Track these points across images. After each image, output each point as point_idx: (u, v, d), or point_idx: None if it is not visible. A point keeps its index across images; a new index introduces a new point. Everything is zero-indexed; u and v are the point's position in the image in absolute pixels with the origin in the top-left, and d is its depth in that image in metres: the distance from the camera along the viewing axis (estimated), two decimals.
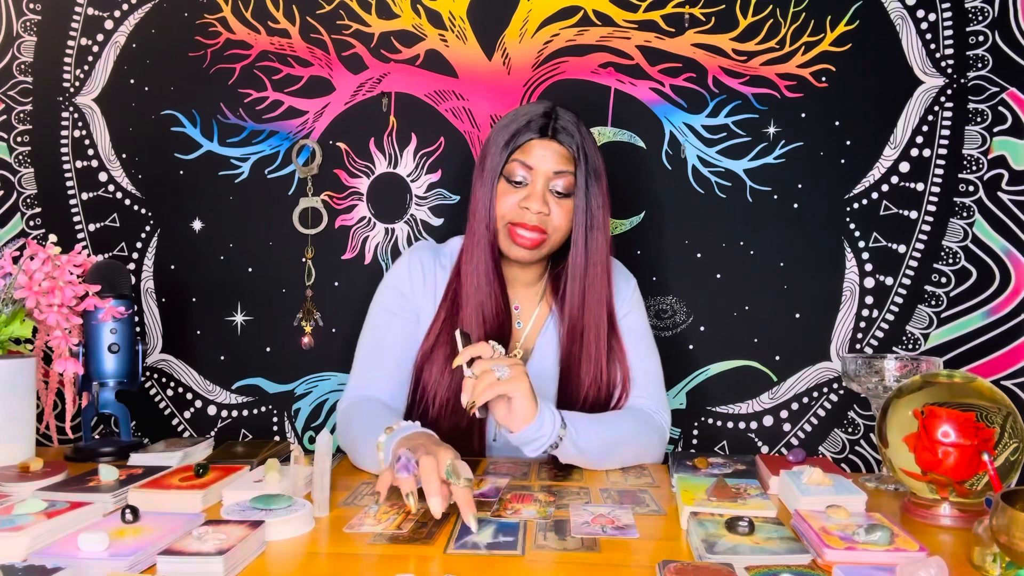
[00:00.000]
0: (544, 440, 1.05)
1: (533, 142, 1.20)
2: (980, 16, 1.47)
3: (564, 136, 1.19)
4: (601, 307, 1.24)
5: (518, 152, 1.20)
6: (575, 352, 1.24)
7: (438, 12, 1.57)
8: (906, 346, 1.51)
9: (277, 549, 0.81)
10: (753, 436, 1.54)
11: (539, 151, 1.19)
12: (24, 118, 1.64)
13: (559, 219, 1.21)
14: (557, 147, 1.20)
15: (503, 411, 1.03)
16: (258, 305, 1.61)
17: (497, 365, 1.00)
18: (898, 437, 0.93)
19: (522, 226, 1.20)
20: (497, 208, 1.21)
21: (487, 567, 0.76)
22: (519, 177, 1.20)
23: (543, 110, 1.21)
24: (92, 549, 0.74)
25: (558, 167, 1.19)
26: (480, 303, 1.22)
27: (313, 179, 1.59)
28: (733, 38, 1.52)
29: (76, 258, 1.24)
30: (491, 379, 0.99)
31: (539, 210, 1.18)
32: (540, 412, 1.03)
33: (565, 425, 1.07)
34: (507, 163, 1.20)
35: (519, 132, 1.20)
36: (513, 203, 1.20)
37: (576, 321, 1.24)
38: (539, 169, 1.19)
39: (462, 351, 1.03)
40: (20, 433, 1.18)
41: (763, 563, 0.74)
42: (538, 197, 1.19)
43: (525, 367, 1.04)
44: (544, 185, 1.20)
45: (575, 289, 1.24)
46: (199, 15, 1.61)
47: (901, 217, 1.50)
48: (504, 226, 1.21)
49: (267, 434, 1.60)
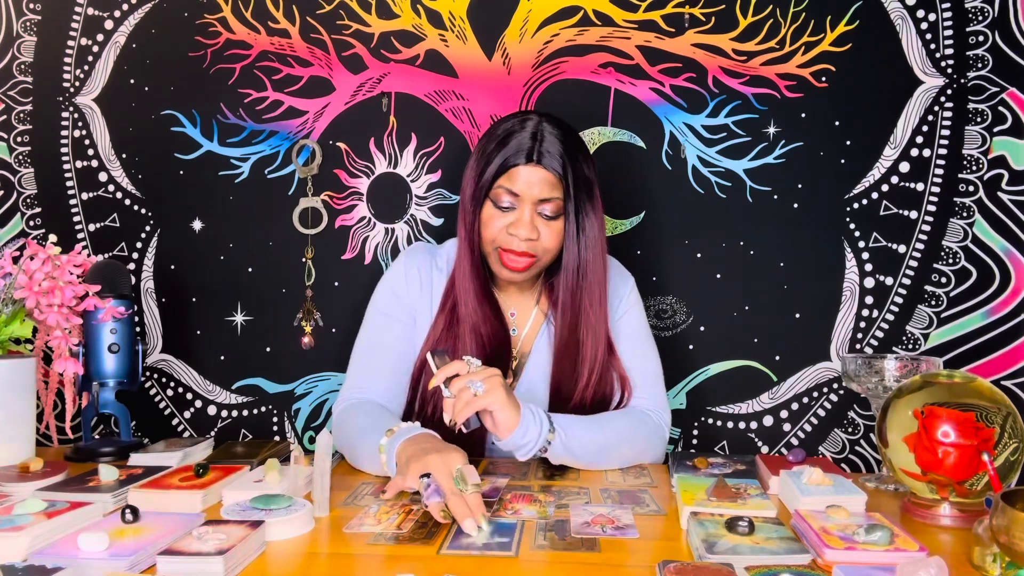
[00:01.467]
0: (531, 445, 1.06)
1: (519, 168, 1.17)
2: (980, 16, 1.47)
3: (550, 160, 1.16)
4: (597, 316, 1.23)
5: (503, 179, 1.17)
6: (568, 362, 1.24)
7: (438, 12, 1.57)
8: (906, 346, 1.51)
9: (277, 549, 0.81)
10: (753, 436, 1.54)
11: (525, 177, 1.17)
12: (24, 118, 1.64)
13: (549, 241, 1.20)
14: (543, 173, 1.17)
15: (489, 421, 1.04)
16: (258, 305, 1.61)
17: (471, 381, 1.01)
18: (898, 437, 0.93)
19: (510, 252, 1.19)
20: (484, 232, 1.20)
21: (487, 567, 0.76)
22: (506, 203, 1.18)
23: (529, 132, 1.17)
24: (92, 549, 0.74)
25: (543, 194, 1.17)
26: (476, 325, 1.22)
27: (313, 179, 1.59)
28: (733, 38, 1.52)
29: (76, 258, 1.24)
30: (468, 396, 1.01)
31: (527, 236, 1.17)
32: (523, 418, 1.04)
33: (553, 428, 1.07)
34: (493, 188, 1.19)
35: (505, 157, 1.17)
36: (501, 227, 1.19)
37: (571, 332, 1.23)
38: (525, 195, 1.17)
39: (436, 373, 1.04)
40: (20, 433, 1.18)
41: (763, 563, 0.74)
42: (526, 224, 1.17)
43: (500, 377, 1.04)
44: (532, 211, 1.18)
45: (567, 301, 1.23)
46: (199, 15, 1.61)
47: (901, 217, 1.50)
48: (494, 250, 1.20)
49: (267, 434, 1.60)
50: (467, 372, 1.03)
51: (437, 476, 0.90)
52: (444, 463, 0.91)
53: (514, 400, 1.05)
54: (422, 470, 0.92)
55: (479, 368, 1.05)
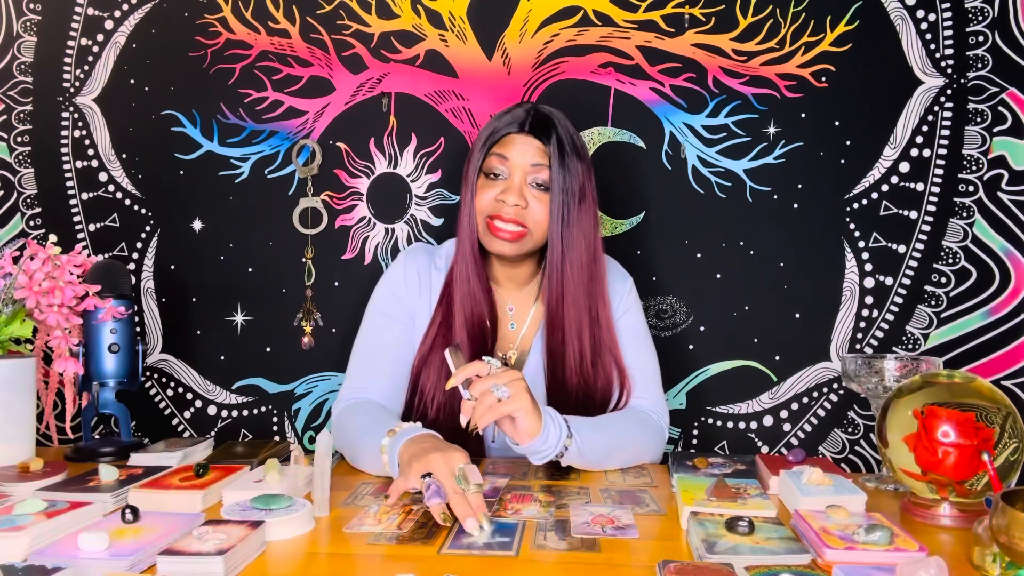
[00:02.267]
0: (550, 451, 1.05)
1: (511, 136, 1.20)
2: (980, 16, 1.47)
3: (542, 130, 1.20)
4: (583, 303, 1.23)
5: (496, 146, 1.21)
6: (557, 348, 1.23)
7: (438, 12, 1.57)
8: (906, 346, 1.51)
9: (277, 549, 0.81)
10: (753, 436, 1.54)
11: (517, 145, 1.20)
12: (24, 118, 1.64)
13: (539, 213, 1.20)
14: (535, 141, 1.20)
15: (508, 426, 1.02)
16: (258, 305, 1.61)
17: (496, 385, 0.98)
18: (898, 437, 0.93)
19: (499, 218, 1.19)
20: (476, 203, 1.22)
21: (487, 567, 0.76)
22: (497, 170, 1.20)
23: (523, 108, 1.23)
24: (92, 549, 0.74)
25: (535, 159, 1.19)
26: (468, 307, 1.22)
27: (313, 179, 1.59)
28: (733, 38, 1.52)
29: (76, 258, 1.24)
30: (491, 400, 0.97)
31: (516, 203, 1.18)
32: (545, 426, 1.02)
33: (571, 435, 1.06)
34: (486, 158, 1.21)
35: (498, 129, 1.21)
36: (491, 197, 1.20)
37: (556, 317, 1.23)
38: (516, 162, 1.19)
39: (455, 372, 1.00)
40: (20, 433, 1.18)
41: (763, 563, 0.74)
42: (515, 190, 1.18)
43: (524, 381, 1.01)
44: (522, 178, 1.19)
45: (552, 284, 1.23)
46: (199, 15, 1.61)
47: (901, 217, 1.50)
48: (484, 220, 1.21)
49: (267, 434, 1.60)
50: (488, 374, 1.00)
51: (439, 475, 0.89)
52: (446, 462, 0.91)
53: (537, 406, 1.02)
54: (424, 469, 0.91)
55: (500, 370, 1.01)
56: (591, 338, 1.24)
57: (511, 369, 1.03)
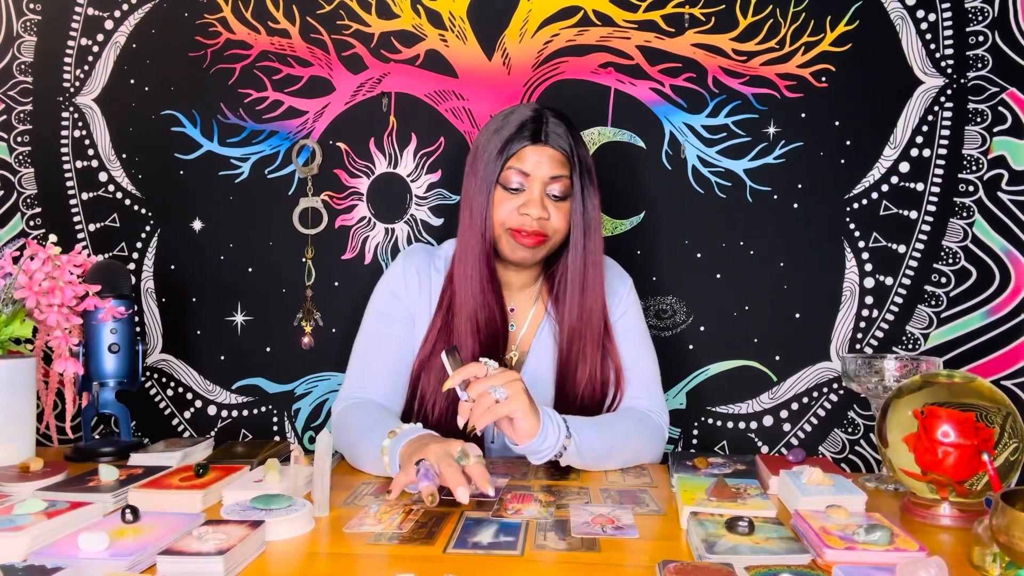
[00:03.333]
0: (548, 451, 1.05)
1: (527, 148, 1.19)
2: (980, 16, 1.47)
3: (556, 140, 1.20)
4: (597, 308, 1.25)
5: (513, 159, 1.20)
6: (572, 354, 1.25)
7: (438, 12, 1.57)
8: (906, 346, 1.51)
9: (277, 549, 0.81)
10: (753, 436, 1.54)
11: (534, 157, 1.19)
12: (24, 118, 1.64)
13: (558, 221, 1.22)
14: (551, 152, 1.20)
15: (507, 427, 1.02)
16: (258, 305, 1.61)
17: (493, 386, 0.99)
18: (898, 437, 0.93)
19: (522, 231, 1.20)
20: (495, 215, 1.21)
21: (487, 567, 0.76)
22: (516, 184, 1.20)
23: (532, 115, 1.21)
24: (92, 549, 0.74)
25: (554, 172, 1.20)
26: (474, 312, 1.22)
27: (313, 179, 1.59)
28: (733, 38, 1.52)
29: (76, 258, 1.24)
30: (488, 402, 0.98)
31: (539, 215, 1.19)
32: (543, 426, 1.03)
33: (570, 434, 1.07)
34: (503, 171, 1.20)
35: (512, 139, 1.20)
36: (512, 209, 1.20)
37: (575, 324, 1.24)
38: (535, 175, 1.19)
39: (452, 374, 1.01)
40: (20, 433, 1.18)
41: (763, 563, 0.74)
42: (536, 203, 1.19)
43: (523, 382, 1.02)
44: (541, 190, 1.20)
45: (574, 292, 1.24)
46: (199, 15, 1.61)
47: (901, 217, 1.50)
48: (505, 231, 1.21)
49: (267, 434, 1.60)
50: (485, 375, 1.01)
51: (429, 457, 0.90)
52: (442, 447, 0.92)
53: (535, 406, 1.03)
54: (419, 459, 0.93)
55: (498, 371, 1.02)
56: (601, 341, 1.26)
57: (508, 370, 1.03)
